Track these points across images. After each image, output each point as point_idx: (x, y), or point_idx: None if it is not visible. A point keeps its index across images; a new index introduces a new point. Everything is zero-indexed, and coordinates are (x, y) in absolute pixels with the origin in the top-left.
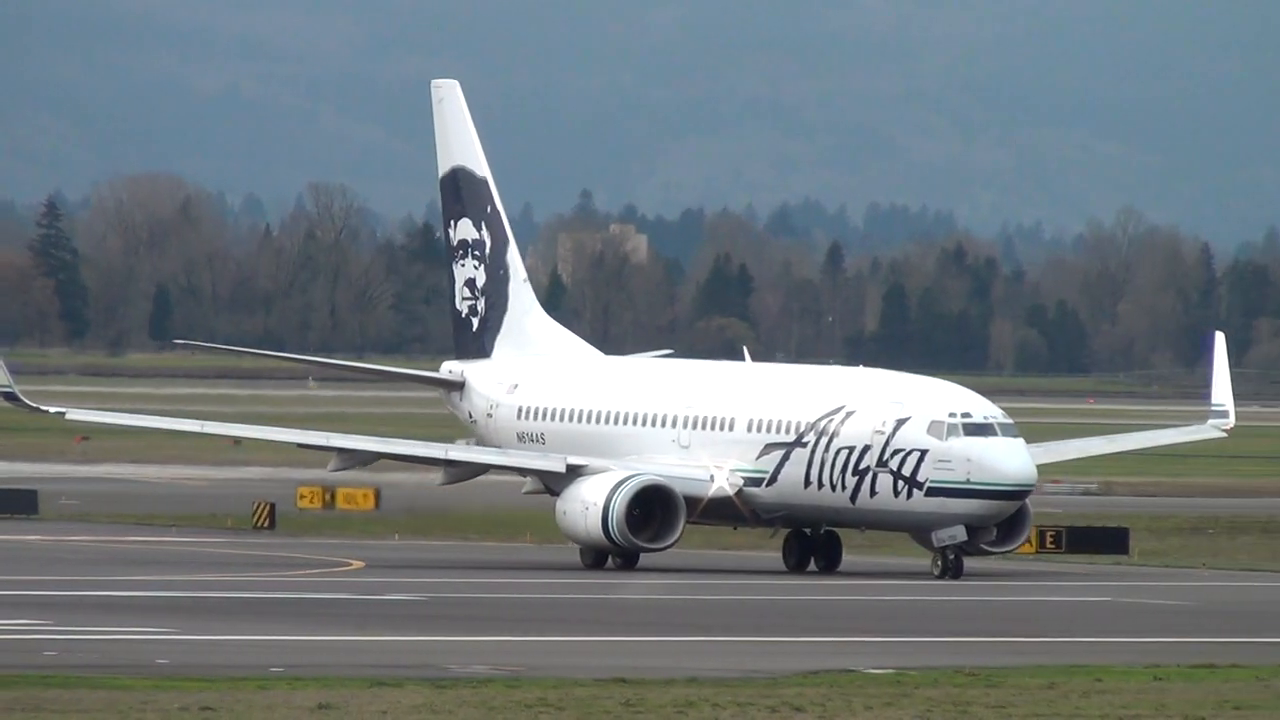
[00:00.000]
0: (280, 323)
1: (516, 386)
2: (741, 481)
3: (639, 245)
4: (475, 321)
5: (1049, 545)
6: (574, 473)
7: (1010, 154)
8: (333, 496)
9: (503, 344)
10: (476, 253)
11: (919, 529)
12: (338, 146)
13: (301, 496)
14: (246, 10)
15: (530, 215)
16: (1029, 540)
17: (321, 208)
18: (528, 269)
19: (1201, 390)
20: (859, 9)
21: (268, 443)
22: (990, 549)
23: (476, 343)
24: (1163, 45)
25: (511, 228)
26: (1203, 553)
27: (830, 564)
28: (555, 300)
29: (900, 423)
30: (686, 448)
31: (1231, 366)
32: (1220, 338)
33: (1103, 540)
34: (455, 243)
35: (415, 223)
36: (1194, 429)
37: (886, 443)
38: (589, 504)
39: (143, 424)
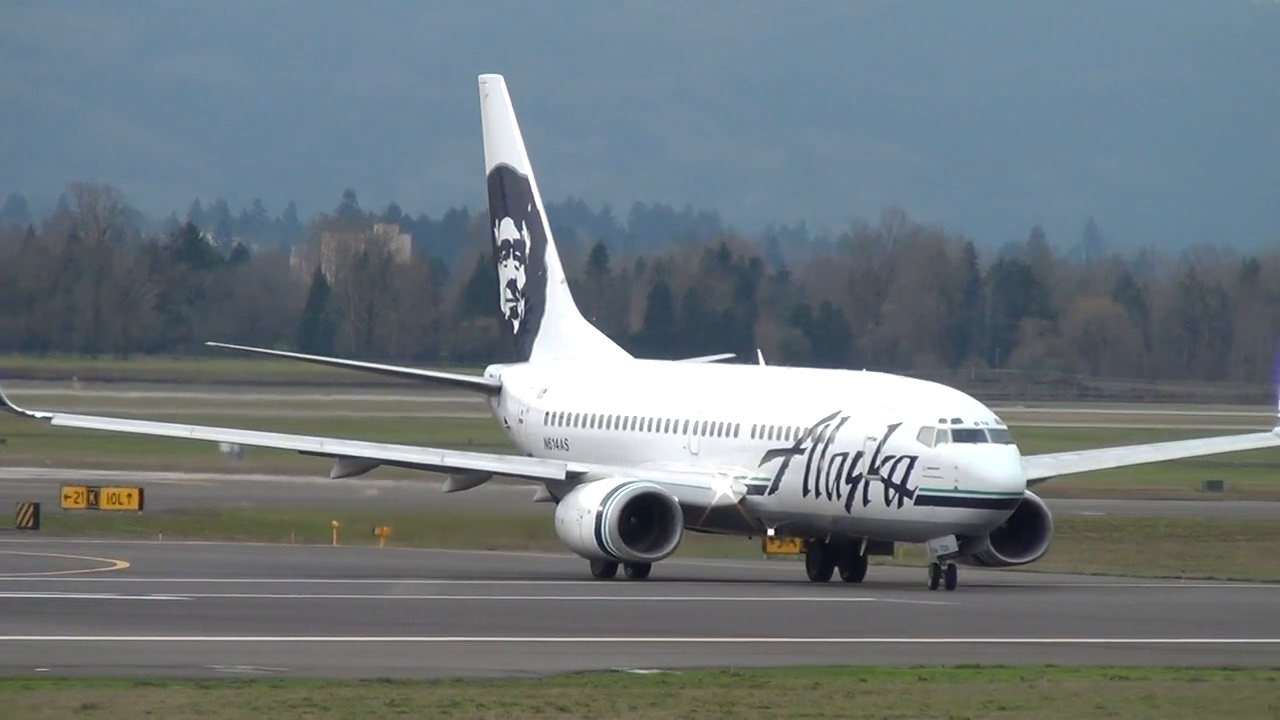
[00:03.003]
0: (43, 323)
1: (546, 391)
2: (745, 489)
3: (403, 245)
4: (516, 324)
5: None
6: (574, 480)
7: (777, 154)
8: (97, 497)
9: (540, 347)
10: (518, 253)
11: (911, 538)
12: (103, 146)
13: (66, 496)
14: (11, 8)
15: (295, 215)
16: (793, 541)
17: (85, 208)
18: (291, 269)
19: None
20: (627, 9)
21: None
22: (1010, 560)
23: (517, 346)
24: (930, 45)
25: (291, 228)
26: (967, 553)
27: (855, 574)
28: (319, 300)
29: (891, 428)
30: (697, 454)
31: (995, 367)
32: None
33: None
34: (499, 243)
35: (179, 223)
36: (1253, 437)
37: (878, 449)
38: (584, 512)
39: (131, 429)
